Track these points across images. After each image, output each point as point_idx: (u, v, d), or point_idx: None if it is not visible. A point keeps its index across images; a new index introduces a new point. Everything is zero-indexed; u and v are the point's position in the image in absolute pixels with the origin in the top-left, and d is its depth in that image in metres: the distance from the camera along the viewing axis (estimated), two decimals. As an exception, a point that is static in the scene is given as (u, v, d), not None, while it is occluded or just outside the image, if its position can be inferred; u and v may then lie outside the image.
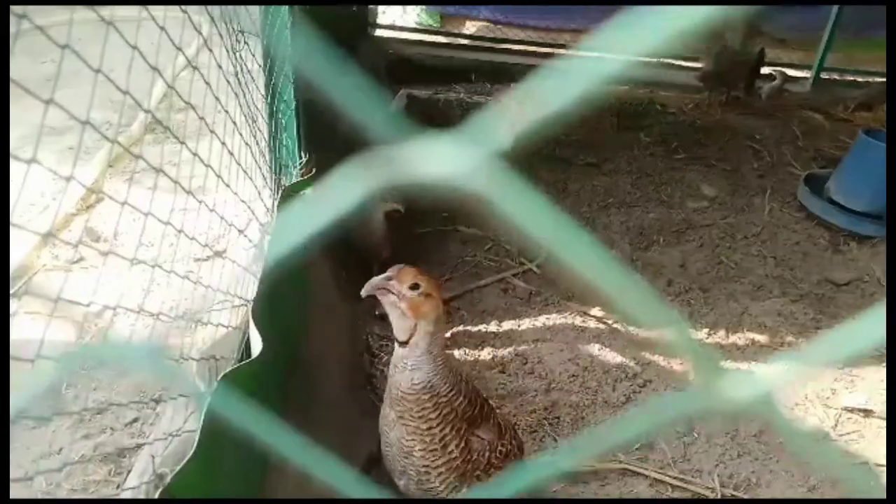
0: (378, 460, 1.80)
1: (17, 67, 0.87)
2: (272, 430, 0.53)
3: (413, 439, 1.56)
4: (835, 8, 5.58)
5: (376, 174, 0.37)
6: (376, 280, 1.52)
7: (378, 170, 0.37)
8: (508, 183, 0.37)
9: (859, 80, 5.96)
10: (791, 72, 5.79)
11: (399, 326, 1.55)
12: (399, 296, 1.50)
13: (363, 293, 1.54)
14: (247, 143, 1.89)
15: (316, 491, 1.81)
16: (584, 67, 0.36)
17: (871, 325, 0.39)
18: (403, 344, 1.55)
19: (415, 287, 1.51)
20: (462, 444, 1.58)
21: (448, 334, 2.77)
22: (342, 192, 0.38)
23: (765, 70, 5.46)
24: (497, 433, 1.67)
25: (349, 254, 2.95)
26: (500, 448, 1.66)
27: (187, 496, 1.23)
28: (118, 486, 1.84)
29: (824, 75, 5.88)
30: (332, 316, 2.58)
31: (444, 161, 0.36)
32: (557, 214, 0.39)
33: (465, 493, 1.60)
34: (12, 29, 0.87)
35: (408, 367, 1.55)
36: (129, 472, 1.80)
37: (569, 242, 0.39)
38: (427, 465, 1.57)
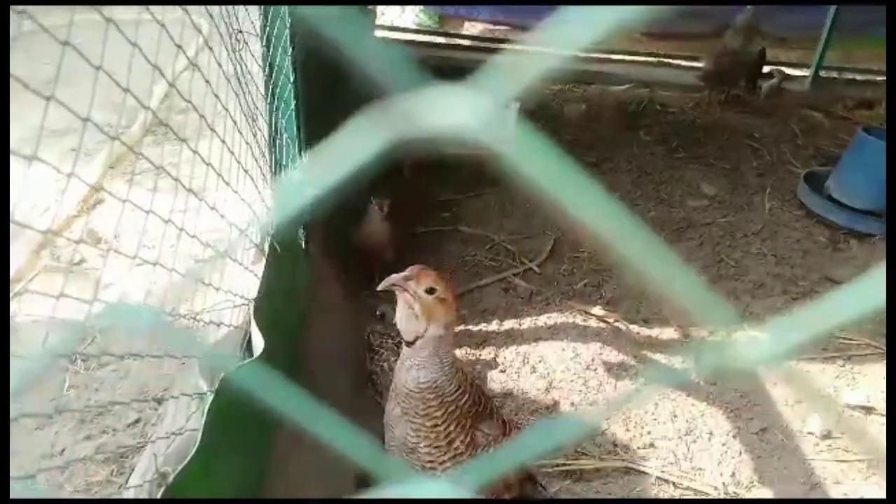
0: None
1: (17, 69, 0.87)
2: (298, 402, 0.53)
3: (418, 436, 1.56)
4: (832, 6, 5.59)
5: (388, 126, 0.36)
6: (396, 277, 1.51)
7: (390, 122, 0.36)
8: (521, 137, 0.36)
9: (858, 78, 5.97)
10: (790, 70, 5.80)
11: (407, 328, 1.54)
12: (414, 296, 1.49)
13: (380, 287, 1.52)
14: (247, 143, 1.89)
15: (316, 489, 1.82)
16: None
17: (870, 289, 0.39)
18: (410, 344, 1.55)
19: (431, 291, 1.49)
20: (467, 440, 1.58)
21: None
22: (355, 146, 0.38)
23: (765, 69, 5.47)
24: (501, 430, 1.68)
25: (350, 255, 2.96)
26: (504, 444, 1.67)
27: (190, 494, 1.23)
28: (120, 487, 1.84)
29: (823, 73, 5.89)
30: (334, 315, 2.58)
31: (456, 112, 0.36)
32: (572, 169, 0.38)
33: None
34: (12, 30, 0.87)
35: (413, 367, 1.54)
36: (132, 472, 1.80)
37: (582, 198, 0.39)
38: (432, 461, 1.57)
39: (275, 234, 1.85)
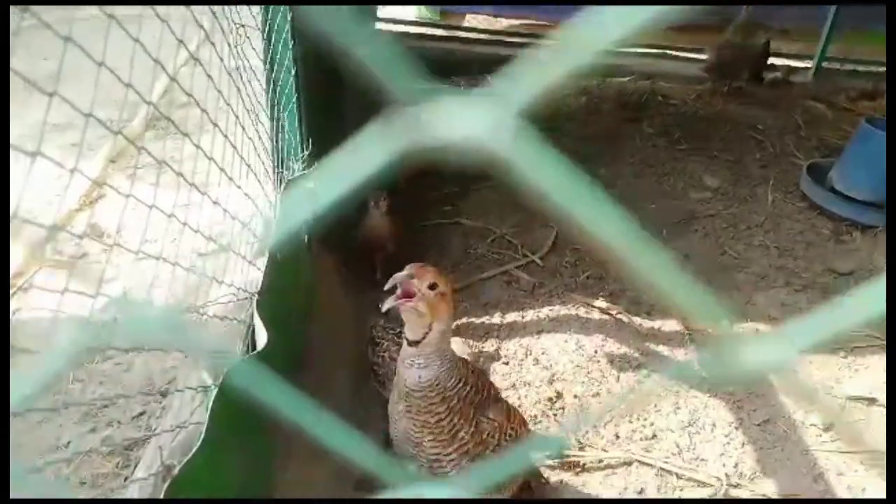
0: (388, 447, 1.81)
1: (17, 64, 0.87)
2: (297, 404, 0.53)
3: (421, 432, 1.57)
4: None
5: (399, 135, 0.37)
6: (399, 276, 1.49)
7: (400, 131, 0.37)
8: (530, 144, 0.37)
9: (861, 69, 5.94)
10: (793, 62, 5.78)
11: (413, 328, 1.53)
12: (419, 294, 1.48)
13: (386, 287, 1.48)
14: (249, 138, 1.89)
15: (320, 486, 1.82)
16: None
17: (870, 299, 0.39)
18: (414, 344, 1.55)
19: (433, 287, 1.48)
20: (472, 429, 1.58)
21: (453, 326, 2.78)
22: (366, 155, 0.38)
23: (774, 61, 5.46)
24: (506, 415, 1.69)
25: (351, 248, 2.96)
26: (509, 431, 1.67)
27: (195, 487, 1.24)
28: (126, 479, 1.85)
29: (826, 65, 5.86)
30: (336, 308, 2.59)
31: (466, 121, 0.36)
32: (577, 178, 0.39)
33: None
34: (12, 26, 0.87)
35: (415, 365, 1.54)
36: (137, 464, 1.81)
37: (587, 207, 0.39)
38: (438, 453, 1.58)
39: (276, 246, 1.83)
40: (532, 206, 3.75)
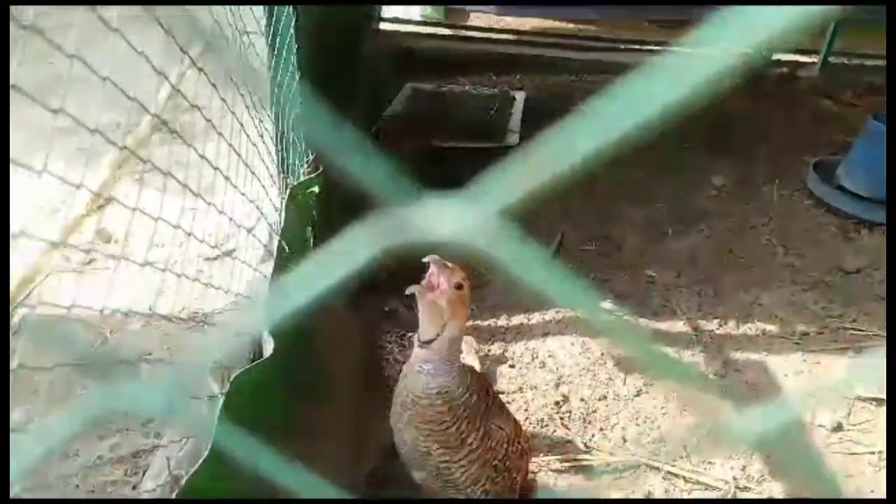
0: (393, 454, 1.81)
1: (18, 69, 0.87)
2: (273, 463, 0.54)
3: (429, 440, 1.57)
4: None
5: (384, 236, 0.38)
6: (437, 262, 1.49)
7: (385, 231, 0.38)
8: (510, 241, 0.38)
9: (868, 63, 5.89)
10: (798, 57, 5.74)
11: (429, 325, 1.54)
12: (442, 289, 1.49)
13: (426, 258, 1.49)
14: (254, 144, 1.90)
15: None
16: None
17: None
18: (425, 345, 1.55)
19: (459, 287, 1.51)
20: (481, 434, 1.59)
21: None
22: (349, 254, 0.39)
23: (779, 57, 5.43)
24: (513, 426, 1.69)
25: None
26: (517, 444, 1.68)
27: (203, 497, 1.24)
28: (135, 487, 1.86)
29: (832, 59, 5.82)
30: (343, 311, 2.59)
31: (450, 222, 0.37)
32: (554, 269, 0.41)
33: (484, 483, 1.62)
34: (11, 29, 0.87)
35: (424, 372, 1.54)
36: (145, 471, 1.82)
37: (566, 296, 0.41)
38: (447, 461, 1.58)
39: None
40: (537, 209, 3.75)
